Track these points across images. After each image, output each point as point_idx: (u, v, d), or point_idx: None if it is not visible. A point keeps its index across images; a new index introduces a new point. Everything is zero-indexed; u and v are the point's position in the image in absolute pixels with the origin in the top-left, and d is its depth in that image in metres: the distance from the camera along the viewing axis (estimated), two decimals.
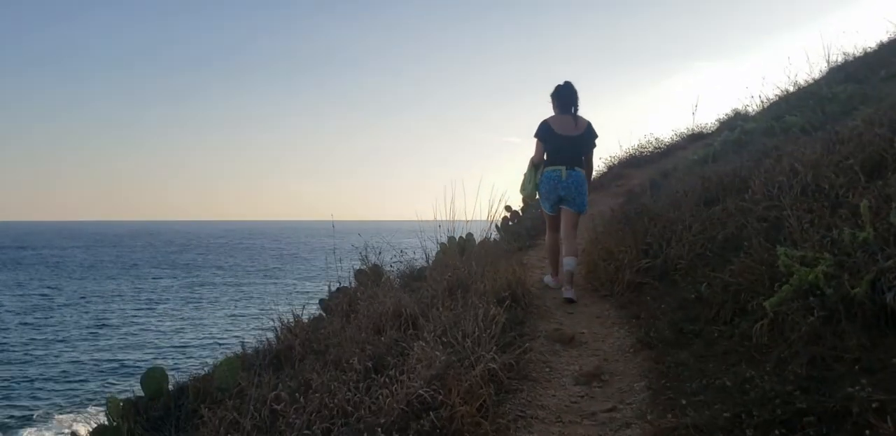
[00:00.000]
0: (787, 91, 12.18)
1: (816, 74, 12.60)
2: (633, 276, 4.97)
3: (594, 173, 6.39)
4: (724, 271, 4.09)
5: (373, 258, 6.89)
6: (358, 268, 6.97)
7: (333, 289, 7.32)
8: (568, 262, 5.26)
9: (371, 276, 6.63)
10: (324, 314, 6.70)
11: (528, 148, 5.62)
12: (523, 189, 5.66)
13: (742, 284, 3.68)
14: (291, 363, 4.99)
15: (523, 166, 5.66)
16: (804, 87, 11.75)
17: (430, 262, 9.95)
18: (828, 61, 12.54)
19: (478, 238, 10.11)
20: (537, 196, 5.65)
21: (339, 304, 5.77)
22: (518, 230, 8.15)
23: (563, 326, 4.40)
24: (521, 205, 11.84)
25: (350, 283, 7.09)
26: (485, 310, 3.98)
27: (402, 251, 7.53)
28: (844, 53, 13.01)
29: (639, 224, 5.86)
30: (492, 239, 10.59)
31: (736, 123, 10.60)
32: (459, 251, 11.26)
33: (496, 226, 11.24)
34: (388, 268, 7.17)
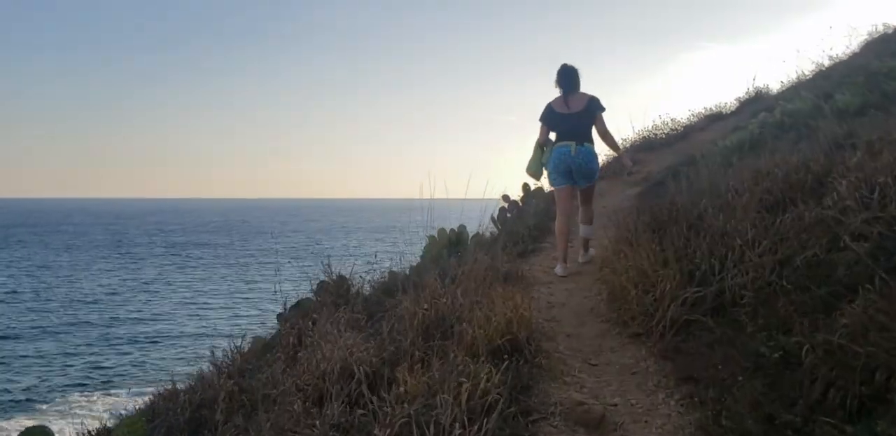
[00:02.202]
0: (822, 66, 10.79)
1: (854, 47, 11.23)
2: (678, 310, 3.65)
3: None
4: (824, 323, 2.79)
5: (337, 267, 5.56)
6: (321, 279, 5.65)
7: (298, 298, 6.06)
8: (584, 229, 5.58)
9: (335, 290, 5.30)
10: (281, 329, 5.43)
11: (525, 126, 4.85)
12: (529, 168, 5.72)
13: (873, 355, 2.36)
14: (213, 426, 3.69)
15: (524, 146, 4.95)
16: (844, 61, 10.36)
17: (413, 264, 8.68)
18: (869, 33, 11.17)
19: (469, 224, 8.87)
20: (543, 175, 5.81)
21: (286, 336, 4.44)
22: (518, 229, 6.80)
23: (585, 392, 3.08)
24: (521, 194, 10.52)
25: (313, 293, 5.82)
26: (473, 380, 2.66)
27: (375, 255, 6.22)
28: (884, 24, 11.64)
29: (676, 233, 4.53)
30: (487, 234, 9.31)
31: (773, 102, 9.21)
32: (450, 247, 9.93)
33: (492, 218, 9.94)
34: (356, 278, 5.87)
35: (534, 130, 5.60)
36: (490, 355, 3.13)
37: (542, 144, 5.55)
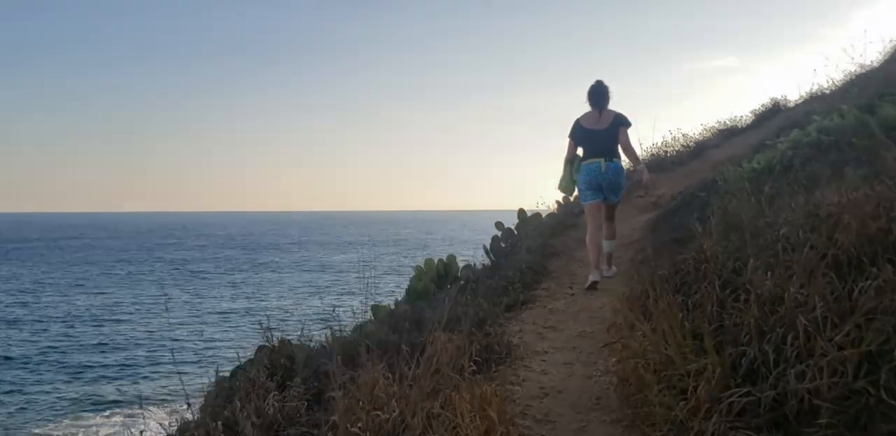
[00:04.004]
0: (853, 74, 9.73)
1: (884, 55, 10.18)
2: (721, 420, 2.56)
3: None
4: None
5: (278, 331, 4.48)
6: (260, 344, 4.59)
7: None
8: (606, 244, 5.61)
9: (272, 364, 4.22)
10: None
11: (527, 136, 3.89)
12: (560, 185, 5.86)
13: None
14: None
15: (525, 161, 4.31)
16: (879, 69, 9.30)
17: (398, 298, 7.75)
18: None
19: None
20: (574, 192, 6.02)
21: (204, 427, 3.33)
22: (508, 273, 5.71)
23: None
24: (517, 221, 9.48)
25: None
26: None
27: (334, 309, 5.14)
28: None
29: (706, 292, 3.46)
30: (479, 266, 8.32)
31: (797, 115, 8.15)
32: (438, 280, 8.86)
33: (484, 248, 8.92)
34: (311, 336, 4.81)
35: (535, 141, 4.68)
36: None
37: (569, 161, 5.69)
